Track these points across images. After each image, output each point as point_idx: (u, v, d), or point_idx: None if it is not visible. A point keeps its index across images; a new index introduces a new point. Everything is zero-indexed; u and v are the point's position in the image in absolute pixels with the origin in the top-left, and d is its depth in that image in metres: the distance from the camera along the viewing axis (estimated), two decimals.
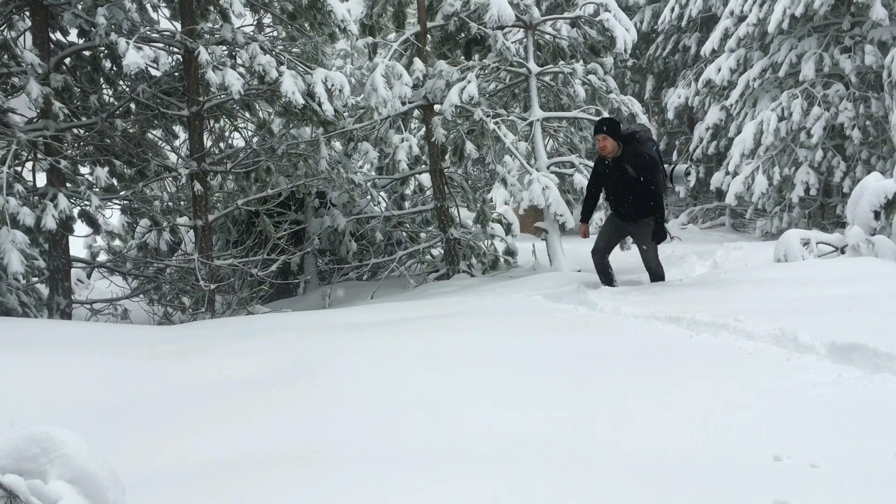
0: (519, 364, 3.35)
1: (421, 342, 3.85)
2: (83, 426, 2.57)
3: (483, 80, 9.61)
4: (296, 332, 4.39)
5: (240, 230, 10.68)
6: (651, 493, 1.89)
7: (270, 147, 8.77)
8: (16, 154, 6.75)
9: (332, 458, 2.27)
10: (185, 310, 8.33)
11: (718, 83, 15.80)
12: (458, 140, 9.63)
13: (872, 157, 14.26)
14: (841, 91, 13.95)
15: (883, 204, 7.25)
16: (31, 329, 4.60)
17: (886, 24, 13.10)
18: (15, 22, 8.12)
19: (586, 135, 10.32)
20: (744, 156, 14.68)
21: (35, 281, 7.94)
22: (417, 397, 2.88)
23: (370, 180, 10.12)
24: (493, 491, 1.95)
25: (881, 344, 3.00)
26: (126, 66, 6.54)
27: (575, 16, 9.84)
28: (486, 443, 2.34)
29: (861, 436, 2.21)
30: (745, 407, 2.54)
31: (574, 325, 4.35)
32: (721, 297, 4.94)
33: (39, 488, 1.52)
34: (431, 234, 10.53)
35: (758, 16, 14.57)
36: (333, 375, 3.24)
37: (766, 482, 1.91)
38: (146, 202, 8.69)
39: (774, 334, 3.50)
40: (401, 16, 10.34)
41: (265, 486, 2.05)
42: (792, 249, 7.63)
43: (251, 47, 7.54)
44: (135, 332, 4.76)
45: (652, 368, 3.14)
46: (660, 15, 19.03)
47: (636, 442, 2.29)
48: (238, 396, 3.00)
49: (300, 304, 9.61)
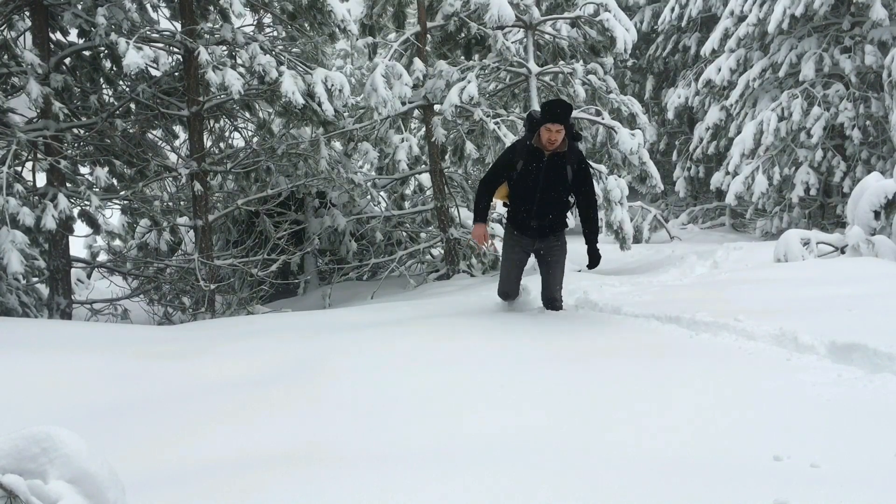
0: (519, 364, 3.35)
1: (421, 342, 3.85)
2: (83, 426, 2.57)
3: (483, 80, 9.61)
4: (296, 332, 4.39)
5: (240, 230, 10.69)
6: (651, 493, 1.89)
7: (270, 147, 8.77)
8: (16, 154, 6.75)
9: (332, 458, 2.27)
10: (185, 310, 8.34)
11: (718, 83, 15.81)
12: (458, 140, 9.64)
13: (872, 157, 14.26)
14: (841, 91, 13.95)
15: (883, 204, 7.25)
16: (31, 329, 4.60)
17: (886, 24, 13.11)
18: (15, 22, 8.12)
19: (587, 135, 10.31)
20: (744, 156, 14.69)
21: (35, 281, 7.94)
22: (417, 397, 2.88)
23: (370, 180, 10.12)
24: (492, 491, 1.95)
25: (881, 344, 3.00)
26: (126, 66, 6.54)
27: (575, 16, 9.84)
28: (485, 442, 2.34)
29: (861, 436, 2.21)
30: (745, 407, 2.54)
31: (574, 325, 4.35)
32: (721, 297, 4.94)
33: (39, 488, 1.52)
34: (431, 234, 10.53)
35: (758, 16, 14.58)
36: (333, 376, 3.24)
37: (766, 482, 1.91)
38: (146, 202, 8.69)
39: (774, 334, 3.50)
40: (401, 16, 10.34)
41: (265, 486, 2.05)
42: (792, 249, 7.64)
43: (251, 47, 7.54)
44: (135, 332, 4.76)
45: (652, 368, 3.14)
46: (660, 15, 19.04)
47: (636, 441, 2.29)
48: (238, 396, 3.00)
49: (300, 304, 9.61)
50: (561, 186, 4.51)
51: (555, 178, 4.47)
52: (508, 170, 4.58)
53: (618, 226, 9.32)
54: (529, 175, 4.48)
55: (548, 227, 4.68)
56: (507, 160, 4.59)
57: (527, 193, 4.55)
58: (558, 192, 4.53)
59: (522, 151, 4.50)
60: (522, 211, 4.65)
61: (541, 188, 4.49)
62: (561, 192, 4.53)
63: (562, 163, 4.44)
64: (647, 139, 9.84)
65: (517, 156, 4.52)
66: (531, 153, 4.46)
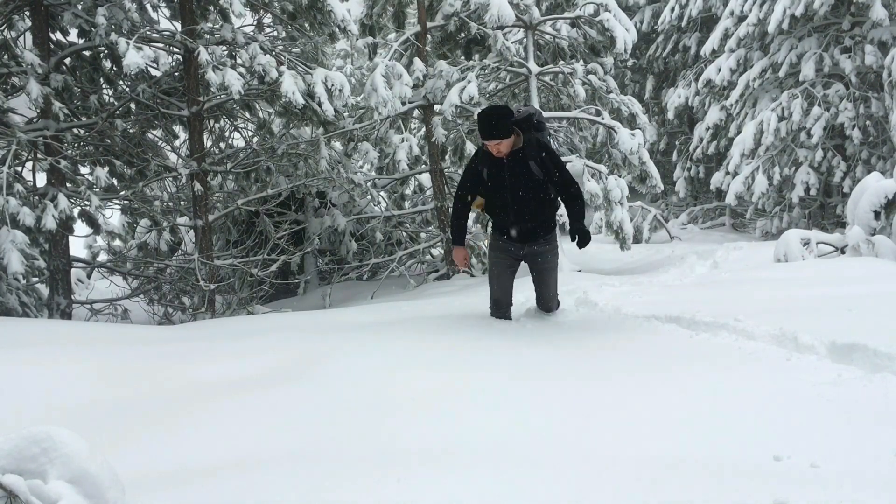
0: (518, 364, 3.35)
1: (421, 343, 3.85)
2: (83, 426, 2.57)
3: (483, 80, 9.61)
4: (296, 332, 4.39)
5: (240, 230, 10.69)
6: (650, 493, 1.89)
7: (270, 147, 8.78)
8: (16, 154, 6.75)
9: (332, 458, 2.27)
10: (185, 310, 8.34)
11: (718, 83, 15.82)
12: (458, 140, 9.64)
13: (872, 157, 14.27)
14: (841, 91, 13.96)
15: (883, 204, 7.26)
16: (31, 329, 4.60)
17: (886, 24, 13.11)
18: (15, 22, 8.12)
19: (587, 135, 10.32)
20: (744, 156, 14.69)
21: (35, 281, 7.94)
22: (417, 397, 2.88)
23: (370, 180, 10.13)
24: (492, 490, 1.95)
25: (881, 344, 3.00)
26: (126, 66, 6.54)
27: (575, 16, 9.85)
28: (485, 442, 2.34)
29: (861, 436, 2.21)
30: (745, 407, 2.54)
31: (574, 325, 4.35)
32: (721, 297, 4.94)
33: (39, 488, 1.52)
34: (431, 234, 10.53)
35: (758, 16, 14.58)
36: (333, 375, 3.24)
37: (766, 482, 1.91)
38: (146, 202, 8.69)
39: (774, 334, 3.50)
40: (401, 16, 10.35)
41: (265, 486, 2.05)
42: (792, 249, 7.64)
43: (251, 47, 7.55)
44: (135, 332, 4.76)
45: (652, 368, 3.14)
46: (660, 15, 19.04)
47: (636, 442, 2.29)
48: (238, 396, 3.00)
49: (300, 304, 9.61)
50: (530, 184, 4.18)
51: (521, 178, 4.17)
52: (476, 180, 4.30)
53: (618, 226, 9.32)
54: (495, 180, 4.23)
55: (530, 230, 4.37)
56: (472, 170, 4.32)
57: (499, 199, 4.30)
58: (529, 190, 4.20)
59: (484, 159, 4.23)
60: (500, 218, 4.40)
61: (509, 191, 4.21)
62: (533, 190, 4.20)
63: (523, 160, 4.14)
64: (647, 139, 9.85)
65: (481, 163, 4.25)
66: (491, 159, 4.19)
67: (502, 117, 4.02)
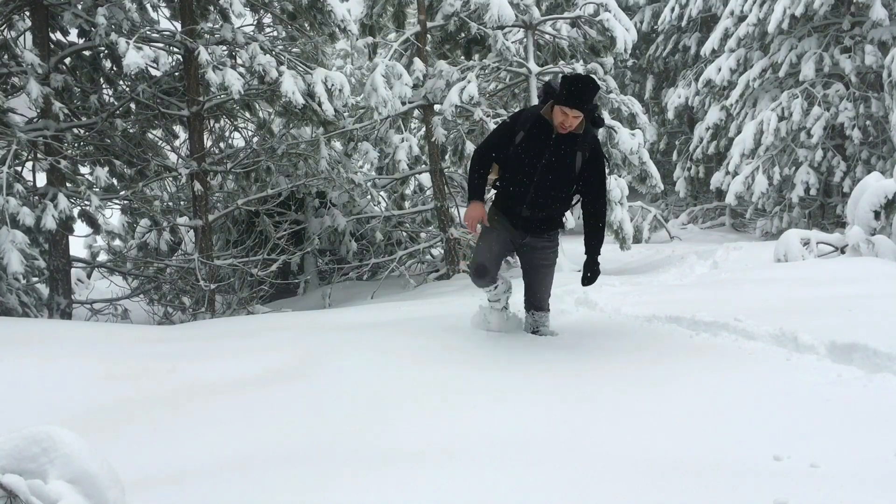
0: (518, 364, 3.35)
1: (420, 342, 3.84)
2: (83, 426, 2.57)
3: (483, 80, 9.62)
4: (296, 331, 4.39)
5: (240, 230, 10.69)
6: (650, 493, 1.89)
7: (270, 147, 8.78)
8: (16, 154, 6.74)
9: (332, 458, 2.27)
10: (185, 310, 8.33)
11: (718, 83, 15.82)
12: (458, 140, 9.64)
13: (872, 157, 14.27)
14: (841, 91, 13.96)
15: (883, 204, 7.26)
16: (31, 329, 4.59)
17: (886, 24, 13.12)
18: (15, 22, 8.12)
19: None
20: (744, 156, 14.70)
21: (35, 281, 7.94)
22: (417, 397, 2.88)
23: (370, 180, 10.13)
24: (492, 490, 1.95)
25: (881, 344, 3.00)
26: (126, 66, 6.54)
27: (575, 16, 9.85)
28: (485, 442, 2.34)
29: (861, 436, 2.21)
30: (745, 407, 2.54)
31: (573, 325, 4.35)
32: (721, 297, 4.94)
33: (39, 488, 1.52)
34: (431, 234, 10.53)
35: (758, 16, 14.59)
36: (333, 375, 3.24)
37: (766, 482, 1.91)
38: (146, 202, 8.69)
39: (774, 334, 3.50)
40: (401, 16, 10.35)
41: (265, 486, 2.05)
42: (792, 249, 7.64)
43: (251, 47, 7.55)
44: (135, 332, 4.76)
45: (651, 368, 3.14)
46: (660, 15, 19.05)
47: (636, 441, 2.29)
48: (238, 396, 3.00)
49: (300, 304, 9.61)
50: (565, 174, 3.68)
51: (559, 162, 3.64)
52: (506, 140, 3.72)
53: (618, 226, 9.33)
54: (530, 150, 3.65)
55: (540, 221, 3.85)
56: (506, 128, 3.75)
57: (522, 173, 3.71)
58: (561, 180, 3.70)
59: (528, 120, 3.67)
60: (513, 194, 3.78)
61: (540, 170, 3.65)
62: (563, 181, 3.71)
63: (572, 147, 3.62)
64: (647, 139, 9.86)
65: (519, 124, 3.69)
66: (538, 124, 3.63)
67: (593, 90, 3.51)
